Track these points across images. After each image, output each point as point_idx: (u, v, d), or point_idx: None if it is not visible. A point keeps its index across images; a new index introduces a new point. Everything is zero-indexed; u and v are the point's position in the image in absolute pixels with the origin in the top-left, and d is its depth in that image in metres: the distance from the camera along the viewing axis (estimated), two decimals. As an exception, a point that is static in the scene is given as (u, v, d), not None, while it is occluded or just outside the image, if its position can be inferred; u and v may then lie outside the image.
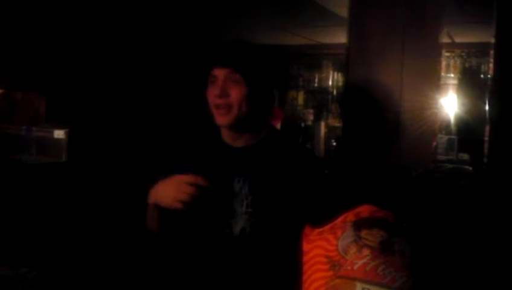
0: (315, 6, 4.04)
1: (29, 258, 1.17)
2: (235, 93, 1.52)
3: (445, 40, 4.49)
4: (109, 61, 3.39)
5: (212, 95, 1.54)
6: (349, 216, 1.19)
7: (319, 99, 5.74)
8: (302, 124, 5.49)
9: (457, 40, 4.80)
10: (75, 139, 1.31)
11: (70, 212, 1.46)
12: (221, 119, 1.55)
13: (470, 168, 3.62)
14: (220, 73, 1.53)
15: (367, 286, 0.97)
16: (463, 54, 5.02)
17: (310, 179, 1.62)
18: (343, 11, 3.51)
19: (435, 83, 2.89)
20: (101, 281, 1.44)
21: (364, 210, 1.19)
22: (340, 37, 4.15)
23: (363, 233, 1.09)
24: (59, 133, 1.30)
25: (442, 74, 4.88)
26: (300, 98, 5.87)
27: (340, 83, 5.61)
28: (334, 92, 5.65)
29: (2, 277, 1.10)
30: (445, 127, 4.82)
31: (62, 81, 2.74)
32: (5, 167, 1.25)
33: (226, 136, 1.64)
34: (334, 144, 5.05)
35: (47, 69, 2.73)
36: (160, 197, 1.51)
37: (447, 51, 4.86)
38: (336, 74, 5.64)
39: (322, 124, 5.19)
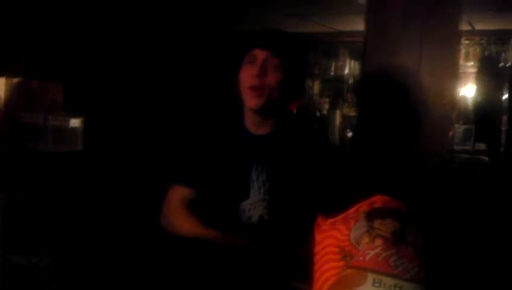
0: (333, -8, 4.00)
1: (43, 247, 1.19)
2: (272, 77, 1.54)
3: (465, 27, 4.44)
4: (126, 50, 3.40)
5: (250, 74, 1.55)
6: (363, 206, 1.18)
7: (335, 88, 5.69)
8: (318, 113, 5.46)
9: (478, 27, 4.71)
10: (92, 128, 1.32)
11: (86, 201, 1.48)
12: (253, 102, 1.56)
13: (486, 159, 3.59)
14: (260, 54, 1.54)
15: (378, 277, 0.96)
16: (482, 41, 4.93)
17: (325, 168, 1.64)
18: (362, -2, 3.48)
19: (454, 72, 2.86)
20: (112, 271, 1.46)
21: (378, 200, 1.19)
22: (358, 25, 4.11)
23: (376, 223, 1.09)
24: (75, 122, 1.31)
25: (461, 62, 4.82)
26: (316, 87, 5.83)
27: (357, 72, 5.56)
28: (350, 81, 5.60)
29: (15, 265, 1.12)
30: (463, 116, 4.77)
31: (79, 69, 2.77)
32: (21, 156, 1.27)
33: (250, 121, 1.65)
34: (350, 134, 5.02)
35: (64, 57, 2.75)
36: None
37: (466, 39, 4.78)
38: (352, 62, 5.58)
39: (338, 113, 5.16)
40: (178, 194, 1.64)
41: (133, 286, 1.56)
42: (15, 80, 1.61)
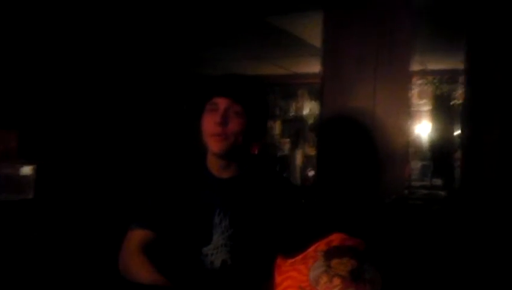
0: (290, 36, 4.11)
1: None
2: (234, 124, 1.54)
3: (418, 67, 4.61)
4: (80, 98, 3.37)
5: (212, 122, 1.54)
6: (321, 245, 1.19)
7: (296, 128, 5.78)
8: (279, 154, 5.51)
9: (430, 67, 4.90)
10: (43, 176, 1.29)
11: (38, 249, 1.44)
12: (217, 146, 1.56)
13: (443, 193, 3.67)
14: (221, 102, 1.54)
15: (338, 316, 0.97)
16: (435, 80, 5.13)
17: (287, 211, 1.63)
18: (318, 41, 3.58)
19: (407, 109, 2.95)
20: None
21: (335, 238, 1.20)
22: (315, 67, 4.21)
23: (334, 262, 1.09)
24: (26, 170, 1.28)
25: (416, 100, 4.99)
26: (277, 128, 5.90)
27: (317, 112, 5.66)
28: (310, 121, 5.70)
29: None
30: (420, 153, 4.90)
31: (34, 117, 2.72)
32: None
33: (213, 165, 1.64)
34: (311, 173, 5.07)
35: (18, 105, 2.70)
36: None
37: (420, 78, 4.97)
38: (311, 102, 5.70)
39: (299, 152, 5.22)
40: (136, 237, 1.60)
41: None
42: (-34, 128, 1.57)
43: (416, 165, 4.43)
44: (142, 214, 1.63)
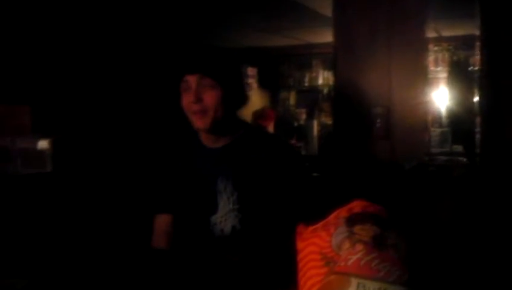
0: (302, 8, 4.05)
1: (19, 269, 1.16)
2: (209, 98, 1.54)
3: (432, 34, 4.52)
4: (91, 71, 3.37)
5: (187, 101, 1.56)
6: (342, 212, 1.17)
7: (311, 98, 5.74)
8: (295, 124, 5.49)
9: (444, 33, 4.81)
10: (60, 150, 1.29)
11: (58, 222, 1.45)
12: (199, 123, 1.57)
13: (464, 160, 3.62)
14: (191, 79, 1.54)
15: (362, 281, 0.95)
16: (450, 47, 5.04)
17: (288, 171, 1.64)
18: (327, 11, 3.52)
19: (423, 77, 2.90)
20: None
21: (357, 205, 1.18)
22: (329, 37, 4.15)
23: (356, 228, 1.08)
24: (43, 144, 1.28)
25: (432, 68, 4.90)
26: (292, 98, 5.88)
27: (331, 82, 5.61)
28: (325, 91, 5.65)
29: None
30: (438, 120, 4.84)
31: (47, 92, 2.73)
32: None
33: (205, 139, 1.66)
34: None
35: (31, 80, 2.71)
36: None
37: (435, 45, 4.88)
38: (326, 72, 5.64)
39: (315, 122, 5.19)
40: (161, 223, 1.67)
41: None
42: (-19, 104, 1.58)
43: (435, 132, 4.37)
44: (159, 200, 1.69)
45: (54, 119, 1.83)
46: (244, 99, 1.68)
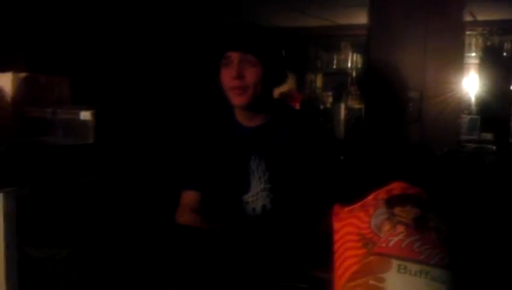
0: (333, -14, 3.98)
1: (60, 239, 1.17)
2: (250, 75, 1.54)
3: (466, 18, 4.42)
4: (130, 44, 3.39)
5: (228, 77, 1.55)
6: (381, 193, 1.16)
7: (338, 81, 5.68)
8: (321, 107, 5.44)
9: (479, 18, 4.69)
10: (102, 121, 1.30)
11: (101, 194, 1.46)
12: (238, 100, 1.57)
13: (494, 147, 3.57)
14: (234, 55, 1.54)
15: (403, 263, 0.94)
16: (485, 32, 4.91)
17: (324, 153, 1.64)
18: (363, -9, 3.46)
19: (459, 63, 2.85)
20: (126, 264, 1.45)
21: (396, 187, 1.16)
22: (359, 18, 4.08)
23: (397, 210, 1.07)
24: (85, 115, 1.29)
25: (465, 53, 4.79)
26: (319, 81, 5.82)
27: (359, 65, 5.54)
28: (353, 74, 5.58)
29: (32, 258, 1.10)
30: (467, 107, 4.75)
31: (85, 63, 2.75)
32: (31, 149, 1.25)
33: (240, 116, 1.66)
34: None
35: (68, 51, 2.73)
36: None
37: (469, 30, 4.76)
38: (354, 55, 5.56)
39: (342, 106, 5.14)
40: (188, 199, 1.67)
41: (145, 279, 1.55)
42: (21, 75, 1.59)
43: (464, 119, 4.29)
44: (189, 177, 1.69)
45: (93, 91, 1.83)
46: (283, 78, 1.67)
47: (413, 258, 0.95)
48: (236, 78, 1.53)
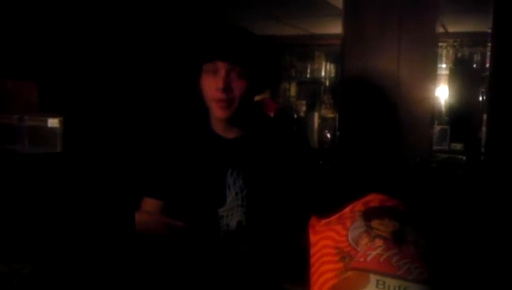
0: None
1: (24, 253, 1.12)
2: (238, 88, 1.45)
3: (438, 29, 4.49)
4: (100, 49, 3.32)
5: (214, 87, 1.45)
6: (358, 206, 1.14)
7: (312, 90, 5.70)
8: (295, 115, 5.45)
9: (450, 29, 4.78)
10: (71, 129, 1.26)
11: (65, 204, 1.41)
12: (221, 113, 1.48)
13: (464, 158, 3.61)
14: (221, 65, 1.44)
15: (382, 278, 0.92)
16: (455, 43, 5.00)
17: (304, 167, 1.59)
18: (336, 1, 3.47)
19: (432, 73, 2.87)
20: (96, 277, 1.40)
21: (373, 199, 1.15)
22: (333, 28, 4.09)
23: (374, 223, 1.05)
24: (53, 122, 1.24)
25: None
26: (293, 90, 5.83)
27: (333, 74, 5.58)
28: (327, 83, 5.61)
29: (-5, 273, 1.05)
30: (438, 117, 4.82)
31: (54, 69, 2.68)
32: (-4, 159, 1.21)
33: (217, 126, 1.57)
34: (328, 135, 5.03)
35: (38, 56, 2.66)
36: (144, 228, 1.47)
37: (440, 41, 4.83)
38: (328, 64, 5.60)
39: (316, 115, 5.16)
40: (148, 206, 1.60)
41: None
42: (-12, 80, 1.53)
43: (434, 129, 4.35)
44: (152, 183, 1.61)
45: (62, 97, 1.77)
46: (265, 88, 1.62)
47: (392, 273, 0.94)
48: (223, 90, 1.43)
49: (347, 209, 1.17)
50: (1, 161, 1.21)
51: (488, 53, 2.78)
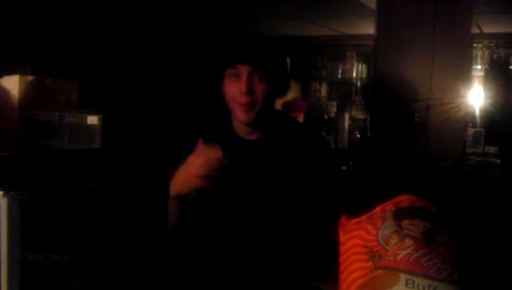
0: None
1: (63, 245, 1.16)
2: (260, 91, 1.49)
3: (473, 30, 4.42)
4: (136, 48, 3.39)
5: (237, 91, 1.50)
6: (389, 206, 1.15)
7: (343, 91, 5.68)
8: (326, 116, 5.44)
9: (485, 30, 4.69)
10: (109, 126, 1.29)
11: (104, 199, 1.45)
12: (244, 117, 1.52)
13: (498, 161, 3.55)
14: (243, 69, 1.49)
15: (411, 278, 0.93)
16: (491, 44, 4.91)
17: (326, 168, 1.61)
18: (368, 1, 3.46)
19: (466, 74, 2.84)
20: (135, 268, 1.43)
21: (404, 199, 1.15)
22: (365, 28, 4.07)
23: (405, 223, 1.05)
24: (93, 119, 1.28)
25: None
26: (324, 90, 5.82)
27: (364, 75, 5.54)
28: (358, 84, 5.58)
29: (34, 263, 1.09)
30: (472, 119, 4.74)
31: (93, 67, 2.75)
32: (36, 153, 1.25)
33: (240, 129, 1.61)
34: (358, 135, 5.00)
35: (75, 54, 2.74)
36: (182, 183, 1.47)
37: (475, 42, 4.76)
38: (360, 65, 5.56)
39: (346, 115, 5.13)
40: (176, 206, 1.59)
41: (151, 286, 1.53)
42: (29, 78, 1.58)
43: (468, 131, 4.29)
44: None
45: (99, 96, 1.83)
46: (286, 91, 1.65)
47: (422, 272, 0.94)
48: (246, 93, 1.48)
49: (377, 209, 1.17)
50: (42, 155, 1.26)
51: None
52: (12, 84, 1.63)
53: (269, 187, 1.56)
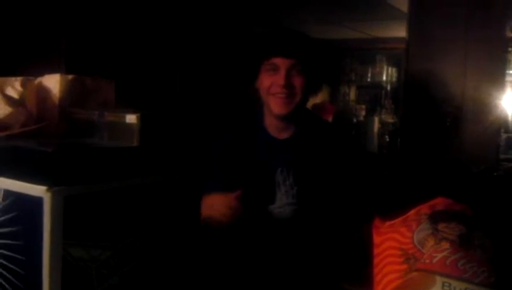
0: (371, -1, 3.95)
1: (104, 240, 1.19)
2: (299, 84, 1.52)
3: (507, 34, 4.33)
4: (171, 48, 3.44)
5: (275, 84, 1.52)
6: (424, 209, 1.15)
7: (372, 94, 5.63)
8: (354, 119, 5.39)
9: (520, 34, 4.60)
10: (147, 125, 1.32)
11: (142, 196, 1.48)
12: (280, 109, 1.54)
13: (532, 168, 3.47)
14: (282, 62, 1.51)
15: (448, 280, 0.93)
16: (525, 48, 4.80)
17: (352, 167, 1.61)
18: (399, 3, 3.43)
19: (500, 79, 2.79)
20: (171, 265, 1.45)
21: (440, 203, 1.15)
22: (395, 31, 4.03)
23: (441, 226, 1.05)
24: (131, 118, 1.32)
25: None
26: (353, 93, 5.78)
27: (394, 78, 5.48)
28: (388, 88, 5.52)
29: (75, 258, 1.12)
30: (504, 124, 4.63)
31: (124, 66, 2.80)
32: (77, 150, 1.28)
33: (272, 126, 1.62)
34: (388, 139, 4.95)
35: (109, 54, 2.78)
36: (210, 211, 1.50)
37: (509, 46, 4.66)
38: (390, 68, 5.51)
39: (376, 119, 5.08)
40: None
41: (191, 283, 1.55)
42: (69, 77, 1.63)
43: (501, 137, 4.20)
44: (212, 182, 1.63)
45: (131, 95, 1.87)
46: (319, 89, 1.66)
47: (458, 275, 0.94)
48: (284, 86, 1.50)
49: (412, 212, 1.17)
50: (82, 152, 1.29)
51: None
52: (54, 82, 1.67)
53: (299, 187, 1.56)
